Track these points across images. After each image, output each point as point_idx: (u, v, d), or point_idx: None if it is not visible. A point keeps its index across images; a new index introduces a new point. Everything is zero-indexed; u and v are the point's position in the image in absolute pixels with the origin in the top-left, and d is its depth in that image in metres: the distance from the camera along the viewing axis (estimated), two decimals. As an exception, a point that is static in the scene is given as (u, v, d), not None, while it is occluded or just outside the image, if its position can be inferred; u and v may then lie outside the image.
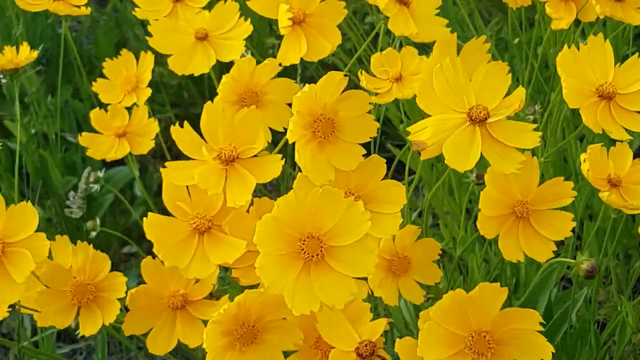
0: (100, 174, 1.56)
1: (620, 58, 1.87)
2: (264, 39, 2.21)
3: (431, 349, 0.97)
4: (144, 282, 1.21)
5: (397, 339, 1.02)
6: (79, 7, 1.61)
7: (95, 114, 1.56)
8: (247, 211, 1.08)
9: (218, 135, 1.07)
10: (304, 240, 0.97)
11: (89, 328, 1.19)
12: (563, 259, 1.20)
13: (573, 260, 1.15)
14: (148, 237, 1.06)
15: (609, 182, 1.24)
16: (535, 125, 1.06)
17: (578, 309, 1.50)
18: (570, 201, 1.17)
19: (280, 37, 1.20)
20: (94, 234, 1.51)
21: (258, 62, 1.22)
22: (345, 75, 1.04)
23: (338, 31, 1.18)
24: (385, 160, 1.09)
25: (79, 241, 1.22)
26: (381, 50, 1.35)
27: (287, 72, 1.25)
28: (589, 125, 1.11)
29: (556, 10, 1.40)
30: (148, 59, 1.56)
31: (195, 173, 1.04)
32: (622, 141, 1.17)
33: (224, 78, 1.18)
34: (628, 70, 1.16)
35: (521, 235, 1.15)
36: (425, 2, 1.21)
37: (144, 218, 1.07)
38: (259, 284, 1.06)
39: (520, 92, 1.06)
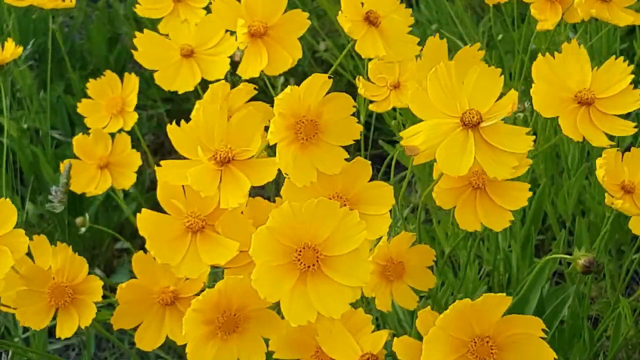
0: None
1: (611, 54, 1.88)
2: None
3: (435, 355, 0.98)
4: (135, 278, 1.21)
5: (395, 339, 1.02)
6: (64, 0, 1.60)
7: (78, 141, 1.55)
8: (241, 212, 1.08)
9: (214, 136, 1.07)
10: (300, 251, 0.97)
11: (65, 330, 1.19)
12: (559, 255, 1.20)
13: (570, 256, 1.15)
14: (141, 233, 1.06)
15: (623, 189, 1.23)
16: (528, 129, 1.06)
17: (570, 304, 1.51)
18: (525, 170, 1.18)
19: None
20: (83, 230, 1.50)
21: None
22: (329, 77, 1.04)
23: (299, 44, 1.17)
24: (370, 163, 1.09)
25: (59, 242, 1.22)
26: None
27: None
28: (568, 134, 1.10)
29: (541, 12, 1.39)
30: (132, 80, 1.56)
31: (189, 174, 1.04)
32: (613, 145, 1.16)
33: (198, 105, 1.16)
34: (606, 72, 1.15)
35: (478, 206, 1.16)
36: (396, 21, 1.19)
37: (138, 214, 1.07)
38: None
39: (513, 95, 1.05)
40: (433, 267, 1.27)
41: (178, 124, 1.08)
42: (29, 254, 1.24)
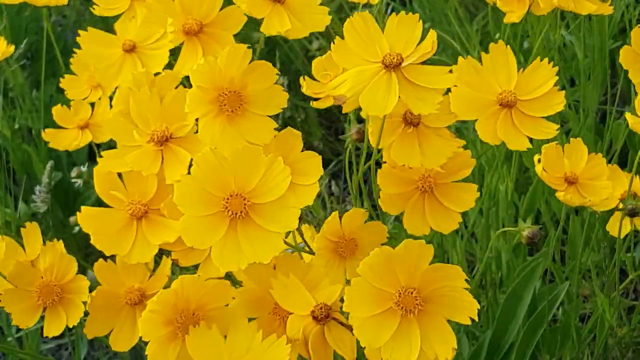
0: (84, 168, 1.56)
1: (607, 52, 1.88)
2: (250, 33, 2.21)
3: (359, 306, 0.97)
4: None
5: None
6: None
7: (57, 111, 1.57)
8: None
9: (148, 119, 1.08)
10: (227, 199, 0.98)
11: (53, 329, 1.19)
12: (507, 229, 1.22)
13: (515, 228, 1.17)
14: (85, 230, 1.07)
15: (566, 180, 1.24)
16: (450, 67, 1.06)
17: (563, 303, 1.51)
18: (470, 171, 1.18)
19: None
20: (77, 229, 1.50)
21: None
22: (248, 47, 1.05)
23: (233, 40, 1.18)
24: (300, 134, 1.09)
25: (48, 241, 1.23)
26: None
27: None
28: (485, 139, 1.11)
29: (507, 4, 1.38)
30: None
31: (128, 158, 1.05)
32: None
33: (118, 91, 1.17)
34: (531, 75, 1.15)
35: (427, 209, 1.17)
36: None
37: (78, 213, 1.08)
38: (199, 265, 1.07)
39: (432, 35, 1.06)
40: None
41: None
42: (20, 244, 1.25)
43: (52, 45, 1.79)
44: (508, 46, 1.14)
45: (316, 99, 1.38)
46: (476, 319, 0.99)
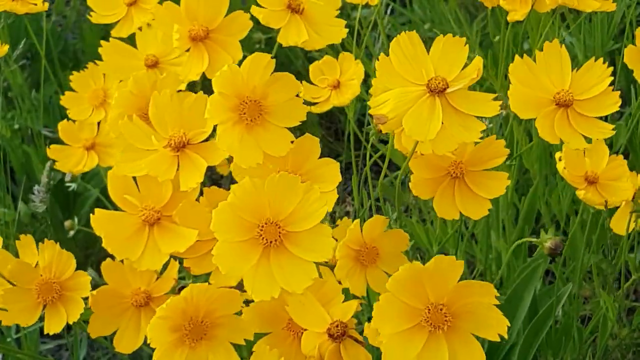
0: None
1: (606, 53, 1.88)
2: (251, 33, 2.21)
3: (387, 322, 0.97)
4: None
5: (366, 324, 1.02)
6: (36, 4, 1.61)
7: (63, 126, 1.56)
8: (197, 200, 1.08)
9: (167, 123, 1.07)
10: (262, 226, 0.97)
11: (53, 326, 1.19)
12: (528, 239, 1.21)
13: (537, 239, 1.16)
14: (97, 233, 1.07)
15: (586, 180, 1.25)
16: (495, 95, 1.06)
17: (564, 304, 1.51)
18: (503, 160, 1.18)
19: (267, 32, 1.20)
20: (72, 233, 1.50)
21: (244, 58, 1.22)
22: (272, 58, 1.04)
23: (239, 45, 1.17)
24: (319, 139, 1.09)
25: (46, 239, 1.22)
26: (366, 46, 1.35)
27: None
28: (545, 137, 1.10)
29: (510, 2, 1.38)
30: None
31: (145, 162, 1.05)
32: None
33: (119, 93, 1.17)
34: (585, 74, 1.14)
35: (457, 195, 1.18)
36: (321, 7, 1.19)
37: (91, 215, 1.07)
38: (211, 273, 1.06)
39: (478, 62, 1.06)
40: (409, 253, 1.27)
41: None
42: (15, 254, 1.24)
43: (52, 46, 1.79)
44: (563, 45, 1.13)
45: (314, 104, 1.39)
46: (505, 336, 0.98)
